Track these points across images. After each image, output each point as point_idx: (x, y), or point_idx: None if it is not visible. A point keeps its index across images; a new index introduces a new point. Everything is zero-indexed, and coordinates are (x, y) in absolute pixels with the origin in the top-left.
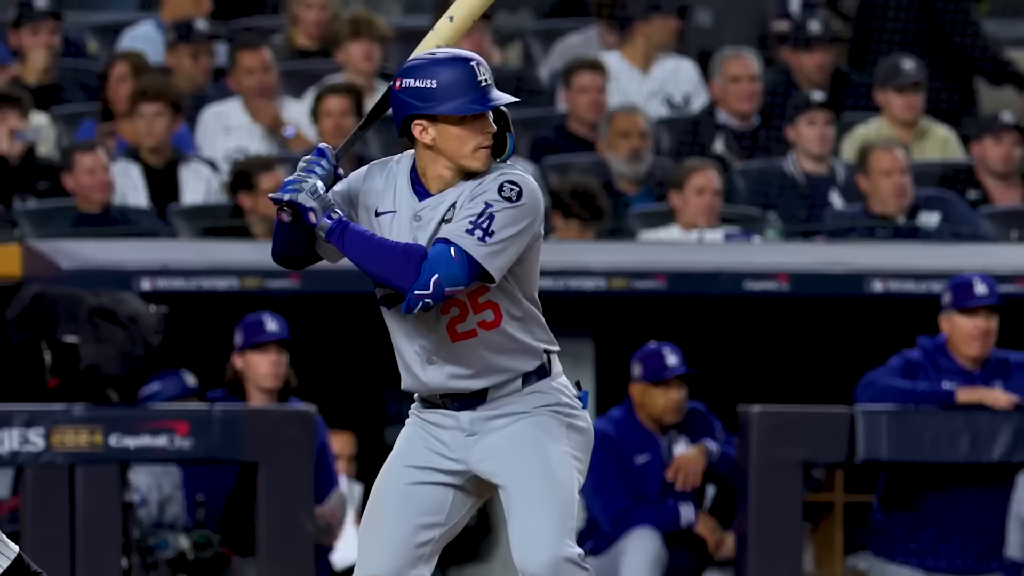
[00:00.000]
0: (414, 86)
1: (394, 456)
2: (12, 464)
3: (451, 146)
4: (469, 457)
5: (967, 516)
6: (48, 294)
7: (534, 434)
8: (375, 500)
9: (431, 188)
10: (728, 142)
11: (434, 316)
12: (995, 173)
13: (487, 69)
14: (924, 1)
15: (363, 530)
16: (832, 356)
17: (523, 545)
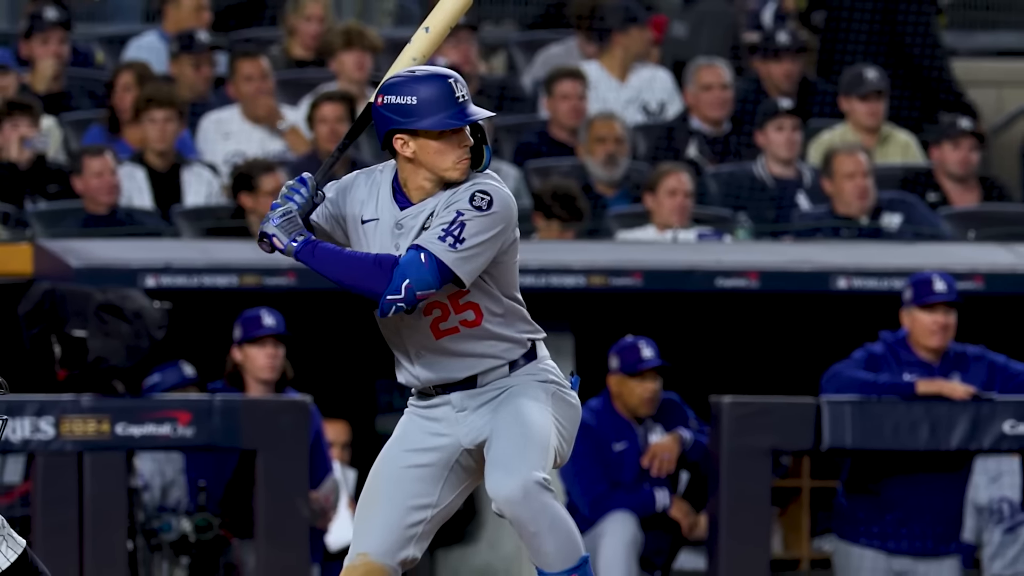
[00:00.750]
0: (395, 102)
1: (390, 443)
2: (24, 451)
3: (431, 159)
4: (459, 431)
5: (927, 501)
6: (58, 291)
7: (517, 394)
8: (370, 484)
9: (412, 198)
10: (701, 147)
11: (418, 317)
12: (953, 176)
13: (464, 85)
14: (888, 15)
15: (358, 511)
16: (799, 349)
17: (494, 471)
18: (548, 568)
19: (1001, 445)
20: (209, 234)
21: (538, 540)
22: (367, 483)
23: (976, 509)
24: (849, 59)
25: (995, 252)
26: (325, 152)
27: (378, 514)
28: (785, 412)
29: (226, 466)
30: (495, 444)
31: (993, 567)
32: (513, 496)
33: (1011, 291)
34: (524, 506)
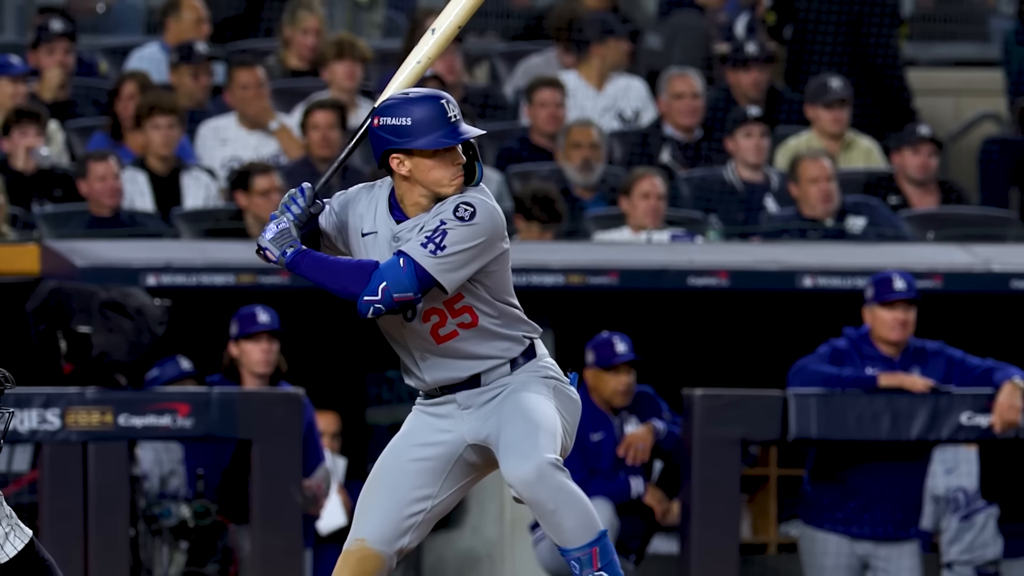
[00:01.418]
0: (390, 124)
1: (397, 437)
2: (31, 441)
3: (426, 176)
4: (463, 427)
5: (888, 488)
6: (63, 289)
7: (520, 389)
8: (374, 474)
9: (408, 213)
10: (674, 152)
11: (418, 324)
12: (913, 180)
13: (455, 106)
14: (855, 27)
15: (361, 499)
16: (767, 345)
17: (508, 456)
18: (569, 544)
19: (959, 435)
20: (207, 235)
21: (557, 517)
22: (372, 473)
23: (933, 499)
24: (815, 69)
25: (953, 252)
26: (317, 157)
27: (379, 503)
28: (754, 404)
29: (223, 455)
30: (504, 433)
31: (951, 552)
32: (529, 477)
33: (968, 289)
34: (540, 486)
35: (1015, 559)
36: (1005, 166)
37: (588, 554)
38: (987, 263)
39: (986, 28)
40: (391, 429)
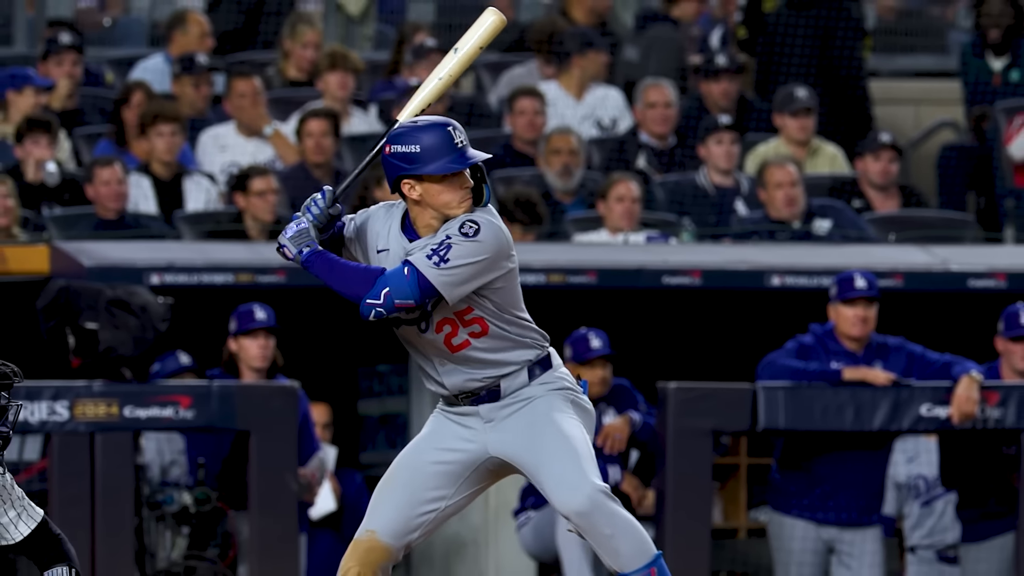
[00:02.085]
0: (401, 151)
1: (420, 437)
2: (41, 432)
3: (435, 200)
4: (487, 439)
5: (851, 476)
6: (71, 287)
7: (544, 407)
8: (393, 469)
9: (420, 233)
10: (649, 158)
11: (432, 335)
12: (875, 185)
13: (462, 132)
14: (824, 40)
15: (376, 492)
16: (737, 340)
17: (560, 491)
18: (626, 568)
19: (919, 426)
20: (207, 237)
21: (614, 542)
22: (390, 468)
23: (896, 486)
24: (782, 79)
25: (913, 253)
26: (311, 162)
27: (394, 498)
28: (725, 396)
29: (222, 445)
30: (547, 464)
31: (913, 537)
32: (584, 508)
33: (928, 288)
34: (597, 515)
35: (972, 543)
36: (962, 171)
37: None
38: (945, 263)
39: (945, 41)
40: (381, 420)
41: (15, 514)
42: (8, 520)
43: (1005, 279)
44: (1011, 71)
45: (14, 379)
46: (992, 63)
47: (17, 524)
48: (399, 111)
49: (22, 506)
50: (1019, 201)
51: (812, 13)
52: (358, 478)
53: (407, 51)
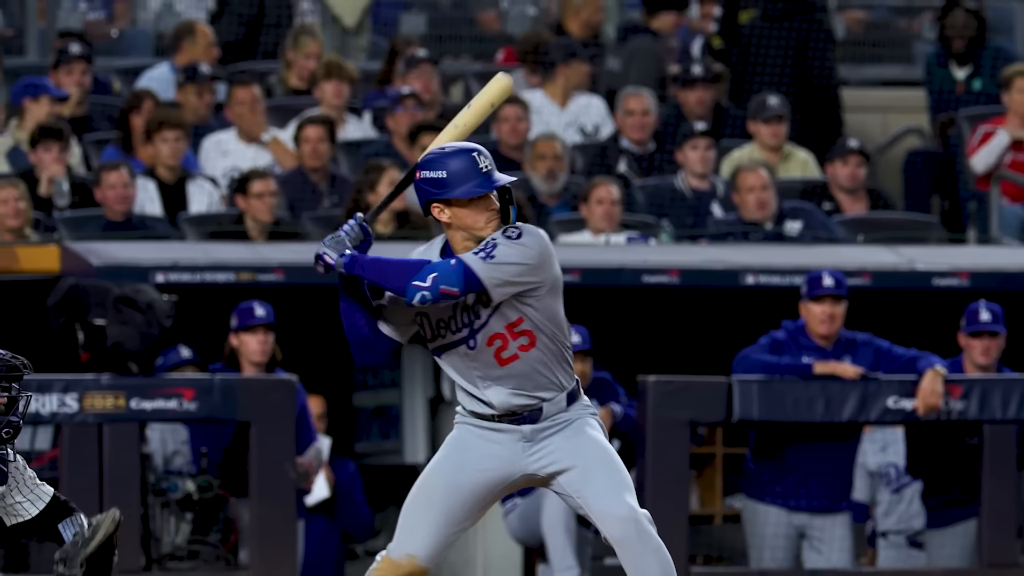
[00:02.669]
0: (429, 177)
1: (449, 453)
2: (52, 423)
3: (463, 221)
4: (526, 461)
5: (822, 465)
6: (81, 285)
7: (583, 426)
8: (427, 488)
9: (457, 253)
10: (629, 163)
11: (483, 349)
12: (844, 188)
13: (487, 156)
14: (799, 50)
15: (412, 511)
16: (713, 336)
17: (612, 522)
18: None
19: (886, 418)
20: (210, 237)
21: (645, 559)
22: (423, 486)
23: (868, 473)
24: (757, 88)
25: (881, 253)
26: (308, 167)
27: (431, 519)
28: (701, 389)
29: (224, 435)
30: (595, 475)
31: (884, 523)
32: (631, 536)
33: (894, 286)
34: (638, 541)
35: (937, 529)
36: (927, 176)
37: None
38: (911, 263)
39: (910, 52)
40: (375, 412)
41: (27, 493)
42: (21, 499)
43: (968, 278)
44: (974, 80)
45: (24, 372)
46: (956, 73)
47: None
48: (391, 120)
49: (29, 488)
50: (981, 204)
51: (786, 25)
52: (351, 466)
53: (399, 62)
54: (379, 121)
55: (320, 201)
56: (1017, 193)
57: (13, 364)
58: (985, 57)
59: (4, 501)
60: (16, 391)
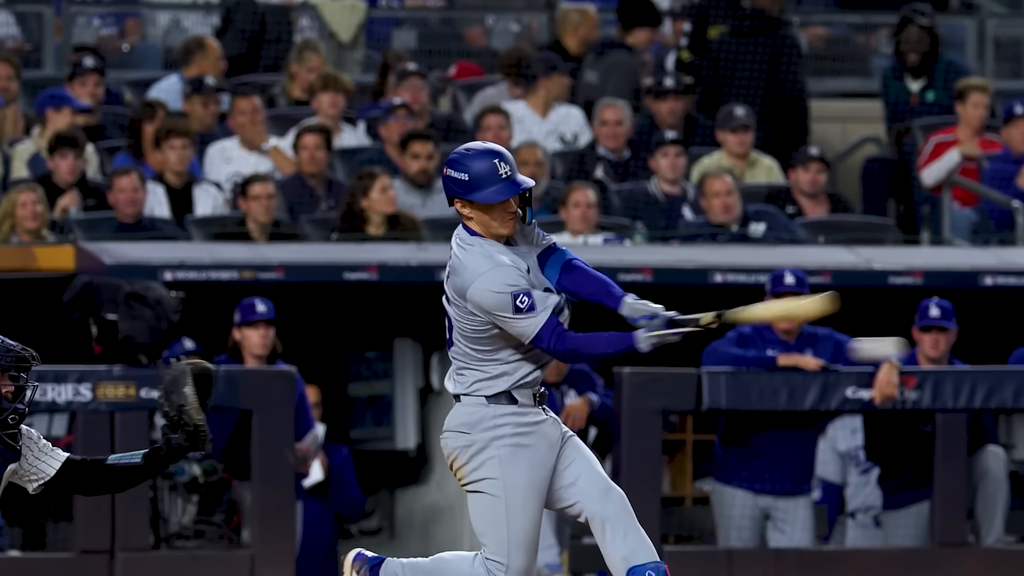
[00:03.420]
0: (453, 176)
1: (531, 468)
2: (67, 411)
3: (485, 221)
4: (558, 437)
5: (785, 451)
6: (94, 283)
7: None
8: (527, 504)
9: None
10: (606, 169)
11: None
12: (806, 193)
13: (510, 160)
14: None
15: (521, 528)
16: None
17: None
18: (645, 559)
19: (844, 407)
20: (215, 238)
21: (636, 534)
22: (522, 501)
23: (839, 455)
24: (726, 99)
25: (840, 253)
26: (306, 173)
27: (536, 535)
28: (673, 380)
29: (228, 422)
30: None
31: (852, 503)
32: (622, 510)
33: (853, 284)
34: (628, 517)
35: (892, 510)
36: (884, 181)
37: (662, 569)
38: (869, 262)
39: (868, 65)
40: (369, 401)
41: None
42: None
43: (921, 276)
44: (927, 92)
45: (31, 363)
46: (910, 85)
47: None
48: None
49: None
50: (934, 208)
51: (757, 40)
52: (344, 451)
53: (391, 75)
54: (372, 130)
55: (317, 204)
56: (968, 197)
57: (22, 355)
58: (938, 70)
59: (22, 470)
60: (24, 380)
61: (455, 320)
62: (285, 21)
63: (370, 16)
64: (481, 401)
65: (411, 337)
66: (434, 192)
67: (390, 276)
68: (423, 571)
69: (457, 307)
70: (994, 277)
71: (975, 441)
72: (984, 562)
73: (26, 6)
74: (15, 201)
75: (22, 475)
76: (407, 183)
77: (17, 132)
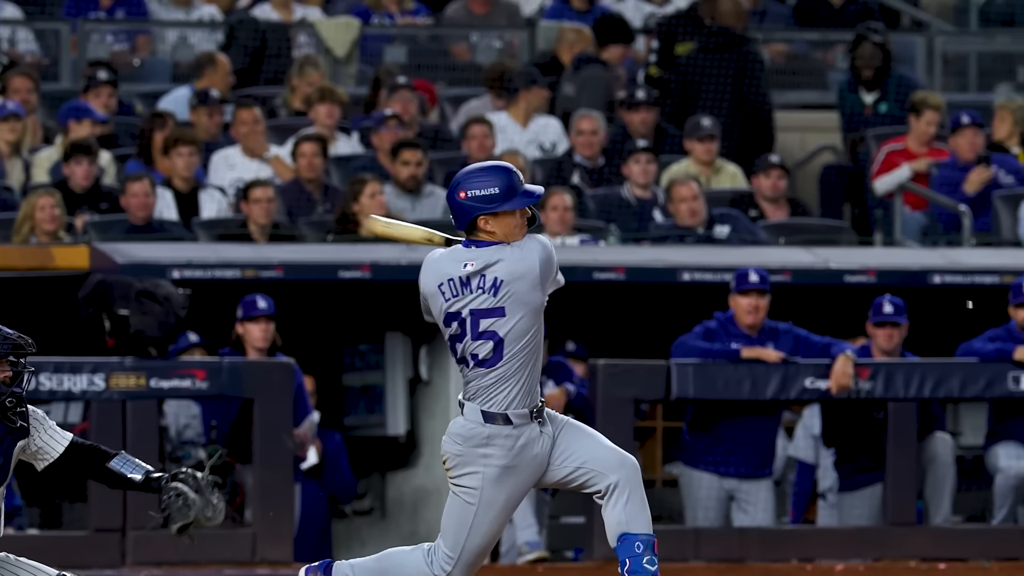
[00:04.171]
0: (480, 194)
1: (512, 489)
2: (82, 399)
3: (506, 230)
4: (547, 450)
5: (748, 437)
6: (107, 280)
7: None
8: (496, 520)
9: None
10: (582, 176)
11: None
12: (767, 198)
13: (519, 174)
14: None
15: (481, 536)
16: (654, 325)
17: (616, 452)
18: (642, 529)
19: (803, 396)
20: (219, 239)
21: (641, 502)
22: (489, 512)
23: (813, 437)
24: (694, 111)
25: (799, 254)
26: (304, 178)
27: (492, 539)
28: (644, 371)
29: (231, 410)
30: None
31: (822, 484)
32: (633, 476)
33: (811, 282)
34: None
35: (848, 492)
36: (840, 187)
37: (652, 542)
38: (826, 262)
39: (825, 79)
40: (362, 390)
41: (49, 437)
42: (43, 443)
43: (875, 275)
44: (880, 104)
45: (27, 349)
46: (865, 97)
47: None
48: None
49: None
50: (886, 211)
51: (722, 56)
52: (337, 437)
53: (383, 88)
54: (365, 139)
55: (314, 208)
56: (917, 202)
57: (18, 343)
58: (890, 84)
59: (31, 449)
60: (21, 366)
61: (512, 323)
62: (284, 38)
63: (363, 33)
64: (478, 418)
65: (401, 331)
66: (423, 196)
67: (382, 275)
68: (371, 570)
69: (515, 301)
70: (942, 276)
71: (924, 428)
72: (932, 540)
73: (44, 24)
74: (35, 205)
75: (30, 454)
76: (397, 188)
77: (36, 141)
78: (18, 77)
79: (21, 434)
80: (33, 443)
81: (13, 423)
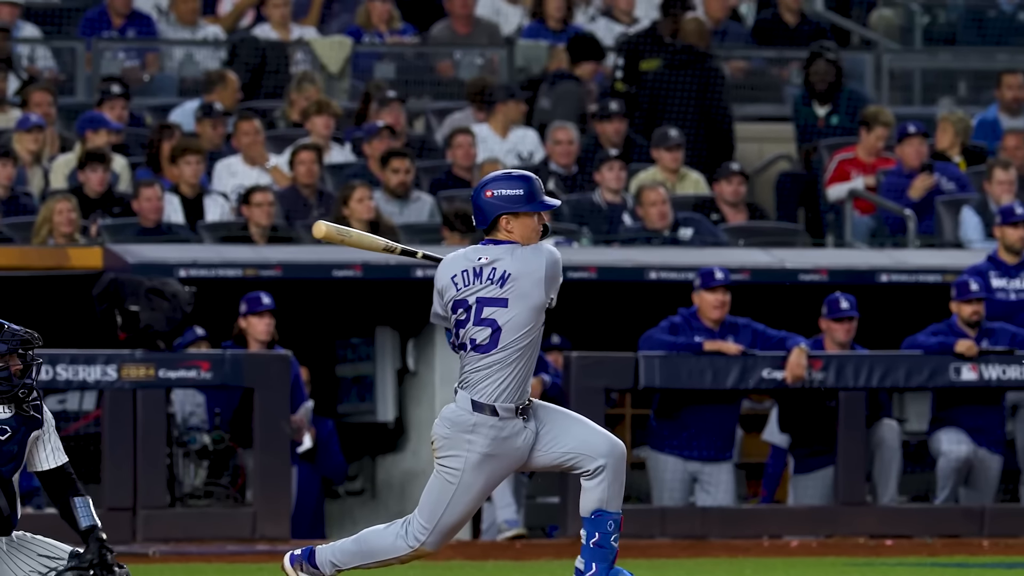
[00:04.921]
0: (506, 195)
1: (491, 475)
2: (96, 388)
3: (525, 231)
4: (531, 440)
5: (710, 423)
6: (119, 279)
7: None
8: (472, 502)
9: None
10: (557, 182)
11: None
12: (728, 203)
13: (541, 183)
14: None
15: (456, 515)
16: (623, 320)
17: (604, 435)
18: (615, 508)
19: (761, 386)
20: (222, 241)
21: (618, 487)
22: (464, 498)
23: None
24: (660, 123)
25: (757, 254)
26: (301, 184)
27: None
28: (614, 363)
29: (234, 398)
30: (584, 422)
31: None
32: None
33: (769, 281)
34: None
35: (802, 475)
36: (794, 193)
37: (618, 520)
38: (782, 262)
39: (781, 93)
40: (354, 380)
41: (50, 449)
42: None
43: (827, 274)
44: (832, 116)
45: (36, 343)
46: (818, 110)
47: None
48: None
49: (57, 446)
50: (837, 215)
51: (686, 72)
52: (329, 424)
53: (374, 101)
54: (357, 148)
55: (310, 212)
56: (866, 207)
57: (26, 337)
58: (842, 98)
59: (35, 445)
60: (31, 359)
61: (512, 315)
62: (283, 55)
63: (355, 51)
64: (467, 406)
65: (390, 326)
66: (410, 201)
67: (372, 274)
68: (350, 552)
69: (518, 295)
70: (889, 275)
71: (872, 415)
72: (880, 518)
73: (61, 42)
74: (53, 209)
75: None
76: (387, 193)
77: (54, 150)
78: (38, 92)
79: (35, 424)
80: (40, 444)
81: (27, 413)
